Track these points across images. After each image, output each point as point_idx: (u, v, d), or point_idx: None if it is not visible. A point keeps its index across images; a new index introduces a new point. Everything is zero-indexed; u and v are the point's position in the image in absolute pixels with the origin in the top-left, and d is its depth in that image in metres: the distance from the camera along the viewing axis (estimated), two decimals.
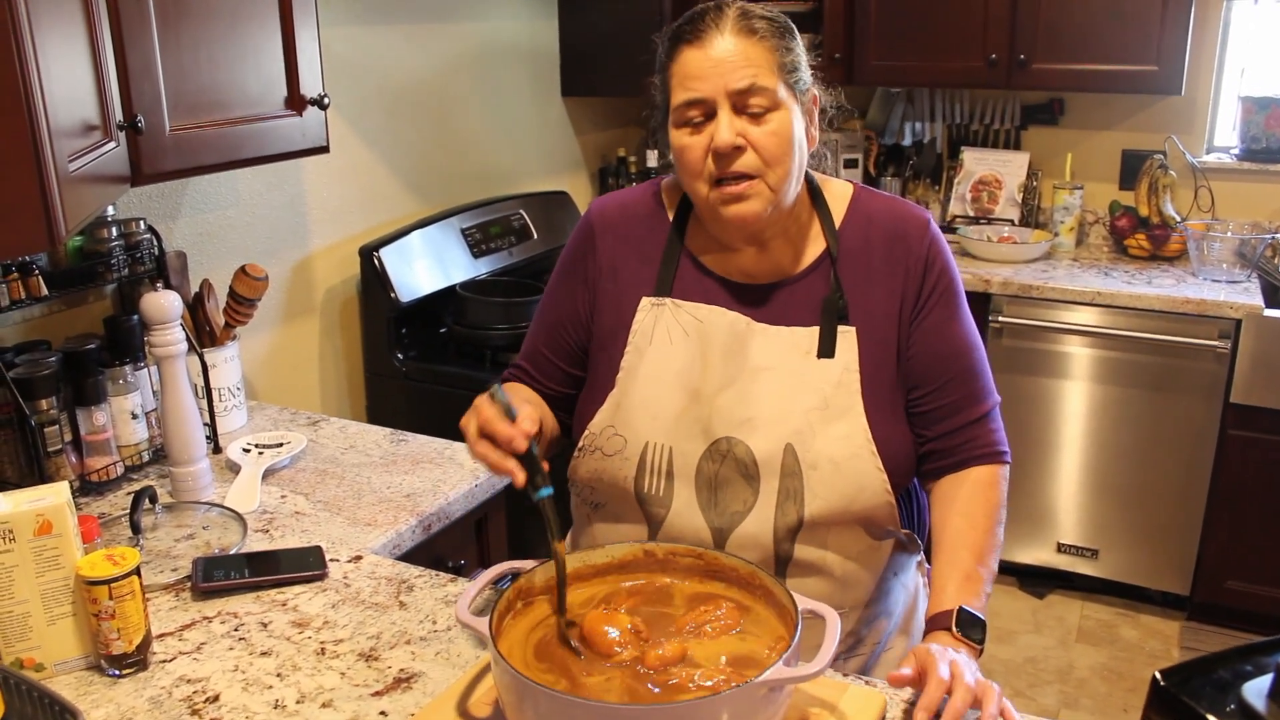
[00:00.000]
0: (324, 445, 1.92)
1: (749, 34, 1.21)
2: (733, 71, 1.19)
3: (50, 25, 1.21)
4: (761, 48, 1.21)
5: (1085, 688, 2.80)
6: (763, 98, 1.20)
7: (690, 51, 1.22)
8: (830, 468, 1.25)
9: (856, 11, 3.24)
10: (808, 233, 1.33)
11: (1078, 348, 2.99)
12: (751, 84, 1.20)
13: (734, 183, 1.22)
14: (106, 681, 1.23)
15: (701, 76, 1.21)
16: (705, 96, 1.21)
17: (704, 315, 1.31)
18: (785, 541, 1.27)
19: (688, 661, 1.05)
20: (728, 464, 1.27)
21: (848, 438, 1.25)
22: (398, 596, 1.39)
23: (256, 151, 1.78)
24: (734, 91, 1.20)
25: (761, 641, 1.08)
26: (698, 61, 1.21)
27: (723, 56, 1.20)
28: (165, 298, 1.61)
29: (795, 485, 1.25)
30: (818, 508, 1.26)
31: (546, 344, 1.41)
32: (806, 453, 1.25)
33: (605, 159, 3.48)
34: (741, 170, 1.21)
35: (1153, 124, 3.30)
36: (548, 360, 1.41)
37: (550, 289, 1.43)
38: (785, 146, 1.22)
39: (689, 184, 1.27)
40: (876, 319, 1.29)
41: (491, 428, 1.11)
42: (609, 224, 1.38)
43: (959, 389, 1.30)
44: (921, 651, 1.10)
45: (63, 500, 1.20)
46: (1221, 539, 2.91)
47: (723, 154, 1.21)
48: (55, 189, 1.17)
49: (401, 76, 2.63)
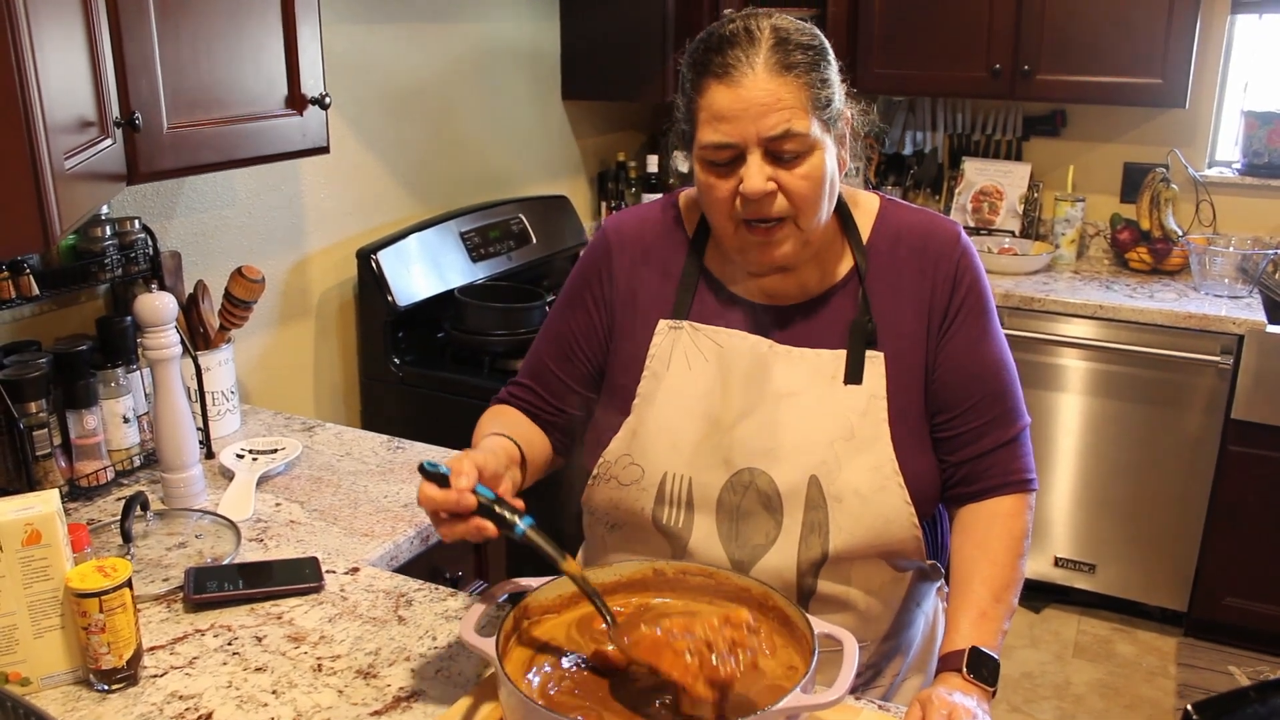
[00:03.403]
0: (319, 452, 1.88)
1: (784, 71, 1.12)
2: (764, 116, 1.11)
3: (47, 18, 1.17)
4: (796, 85, 1.12)
5: (1082, 704, 2.78)
6: (796, 143, 1.13)
7: (719, 89, 1.13)
8: (856, 501, 1.21)
9: (860, 20, 3.23)
10: (834, 249, 1.27)
11: (1078, 361, 2.97)
12: (786, 131, 1.12)
13: (763, 226, 1.16)
14: (95, 697, 1.19)
15: (731, 119, 1.12)
16: (734, 142, 1.13)
17: (724, 339, 1.26)
18: (809, 575, 1.23)
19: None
20: (750, 495, 1.23)
21: (875, 469, 1.21)
22: (396, 611, 1.35)
23: (256, 151, 1.74)
24: (766, 139, 1.12)
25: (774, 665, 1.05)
26: (727, 102, 1.12)
27: (755, 99, 1.11)
28: (160, 299, 1.58)
29: (819, 518, 1.21)
30: (843, 541, 1.21)
31: (556, 362, 1.35)
32: (831, 485, 1.21)
33: (605, 163, 3.45)
34: (771, 214, 1.15)
35: (1155, 137, 3.29)
36: (558, 380, 1.34)
37: (561, 306, 1.37)
38: (818, 190, 1.16)
39: (715, 220, 1.21)
40: (905, 342, 1.24)
41: (433, 506, 1.06)
42: (625, 243, 1.32)
43: (987, 412, 1.25)
44: (925, 699, 1.07)
45: (52, 509, 1.16)
46: (1220, 555, 2.90)
47: (752, 200, 1.14)
48: (50, 187, 1.13)
49: (401, 77, 2.60)
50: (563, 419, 1.35)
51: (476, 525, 1.06)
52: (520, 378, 1.39)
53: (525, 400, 1.36)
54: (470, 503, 1.05)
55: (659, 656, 1.02)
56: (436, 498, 1.05)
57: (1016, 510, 1.24)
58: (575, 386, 1.34)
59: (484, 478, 1.08)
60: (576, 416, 1.35)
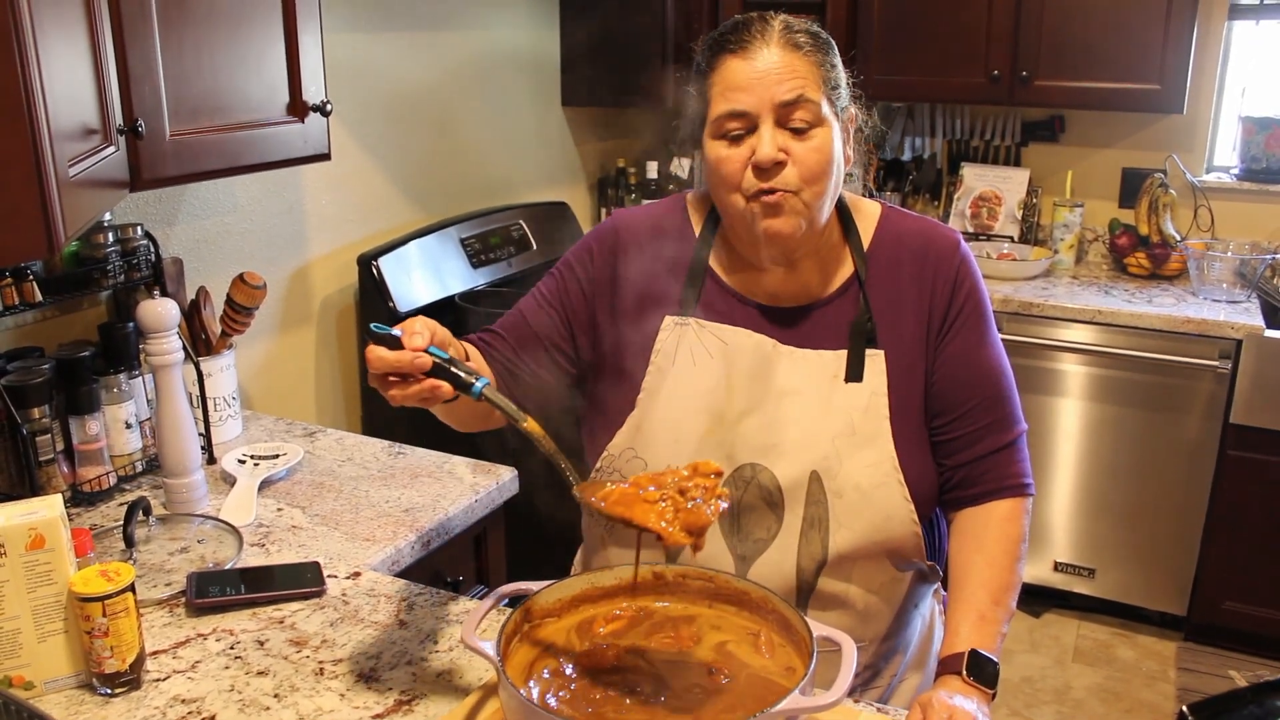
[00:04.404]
0: (321, 457, 1.88)
1: (795, 47, 1.18)
2: (779, 84, 1.16)
3: (52, 26, 1.18)
4: (807, 62, 1.18)
5: (1082, 708, 2.78)
6: (807, 112, 1.17)
7: (734, 61, 1.18)
8: (857, 496, 1.22)
9: (859, 26, 3.24)
10: (837, 254, 1.29)
11: (1077, 366, 2.98)
12: (799, 96, 1.16)
13: (771, 196, 1.18)
14: (98, 701, 1.19)
15: (745, 88, 1.17)
16: (749, 109, 1.17)
17: (729, 337, 1.27)
18: (809, 572, 1.24)
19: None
20: (751, 490, 1.24)
21: (875, 465, 1.22)
22: (398, 615, 1.36)
23: (258, 158, 1.75)
24: (780, 104, 1.16)
25: (773, 666, 1.06)
26: (743, 72, 1.17)
27: (769, 68, 1.16)
28: (162, 306, 1.58)
29: (820, 514, 1.22)
30: (844, 538, 1.23)
31: (537, 322, 1.34)
32: (832, 481, 1.22)
33: (605, 169, 3.46)
34: (780, 185, 1.18)
35: (1153, 142, 3.30)
36: (534, 338, 1.33)
37: (559, 274, 1.36)
38: (826, 164, 1.19)
39: (723, 197, 1.22)
40: (905, 343, 1.26)
41: (386, 366, 1.02)
42: (633, 236, 1.33)
43: (984, 416, 1.26)
44: (925, 702, 1.08)
45: (56, 514, 1.17)
46: (1220, 560, 2.90)
47: (764, 168, 1.17)
48: (55, 194, 1.14)
49: (402, 84, 2.61)
50: (518, 371, 1.32)
51: (431, 385, 1.03)
52: (493, 326, 1.38)
53: (491, 344, 1.34)
54: (425, 362, 1.02)
55: (632, 509, 1.02)
56: (389, 358, 1.02)
57: (1013, 514, 1.25)
58: (547, 351, 1.32)
59: (434, 341, 1.06)
60: (528, 379, 1.32)
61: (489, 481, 1.77)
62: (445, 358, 1.05)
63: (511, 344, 1.34)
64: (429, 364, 1.03)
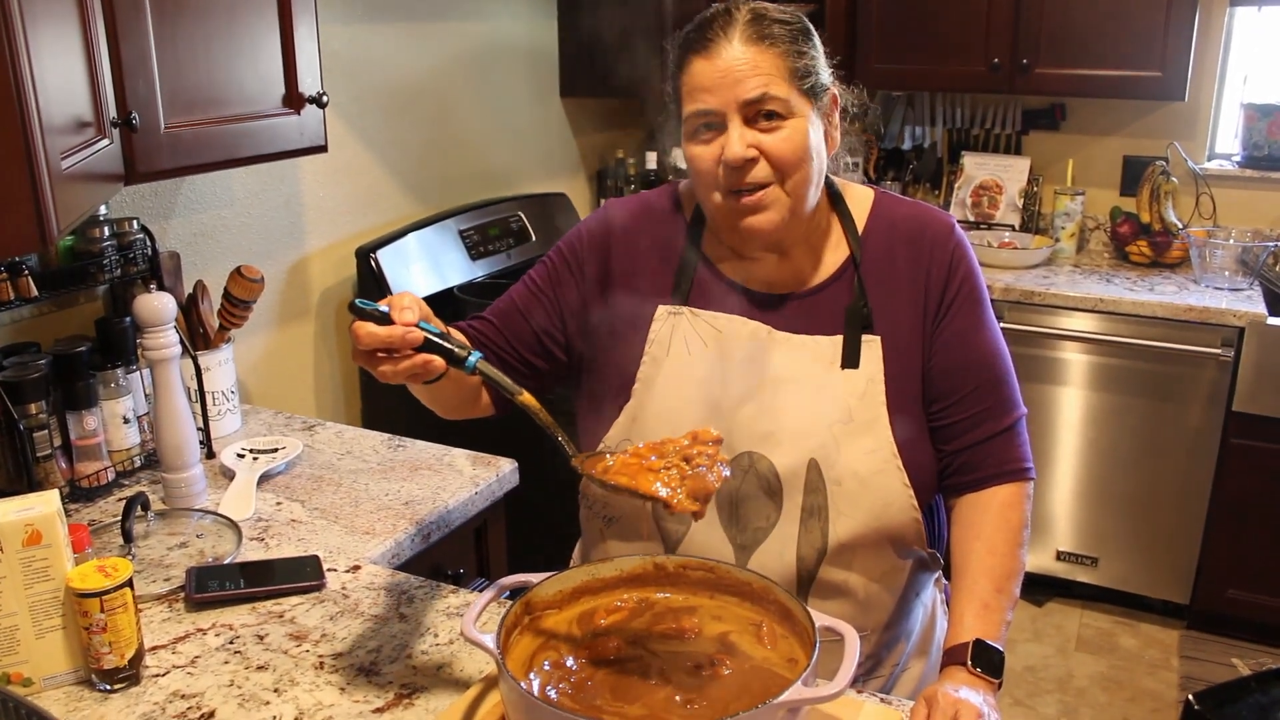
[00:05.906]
0: (320, 451, 1.88)
1: (759, 40, 1.17)
2: (741, 82, 1.16)
3: (43, 18, 1.17)
4: (772, 54, 1.17)
5: (1085, 697, 2.78)
6: (775, 106, 1.17)
7: (699, 62, 1.18)
8: (855, 483, 1.22)
9: (859, 15, 3.22)
10: (829, 239, 1.29)
11: (1079, 354, 2.97)
12: (763, 94, 1.16)
13: (750, 193, 1.18)
14: (97, 697, 1.19)
15: (710, 89, 1.17)
16: (714, 109, 1.17)
17: (723, 325, 1.27)
18: (810, 561, 1.24)
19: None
20: (749, 479, 1.24)
21: (873, 452, 1.22)
22: (398, 608, 1.35)
23: (253, 150, 1.74)
24: (743, 103, 1.16)
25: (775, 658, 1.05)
26: (706, 73, 1.17)
27: (731, 66, 1.16)
28: (159, 300, 1.57)
29: (819, 502, 1.22)
30: (843, 525, 1.22)
31: (528, 309, 1.33)
32: (831, 468, 1.21)
33: (604, 160, 3.45)
34: (755, 181, 1.18)
35: (1155, 130, 3.28)
36: (525, 325, 1.32)
37: (550, 262, 1.35)
38: (799, 154, 1.18)
39: (703, 194, 1.23)
40: (901, 328, 1.25)
41: (377, 342, 1.01)
42: (626, 225, 1.33)
43: (982, 400, 1.25)
44: (930, 697, 1.07)
45: (53, 509, 1.16)
46: (1222, 548, 2.90)
47: (734, 167, 1.17)
48: (47, 187, 1.13)
49: (399, 75, 2.59)
50: (508, 358, 1.32)
51: (423, 360, 1.02)
52: (484, 313, 1.37)
53: (481, 331, 1.33)
54: (417, 337, 1.01)
55: (636, 478, 1.01)
56: (380, 334, 1.00)
57: (1014, 500, 1.25)
58: (534, 330, 1.32)
59: (422, 316, 1.05)
60: (518, 366, 1.32)
61: (489, 474, 1.77)
62: (436, 332, 1.04)
63: (502, 330, 1.33)
64: (420, 338, 1.02)
